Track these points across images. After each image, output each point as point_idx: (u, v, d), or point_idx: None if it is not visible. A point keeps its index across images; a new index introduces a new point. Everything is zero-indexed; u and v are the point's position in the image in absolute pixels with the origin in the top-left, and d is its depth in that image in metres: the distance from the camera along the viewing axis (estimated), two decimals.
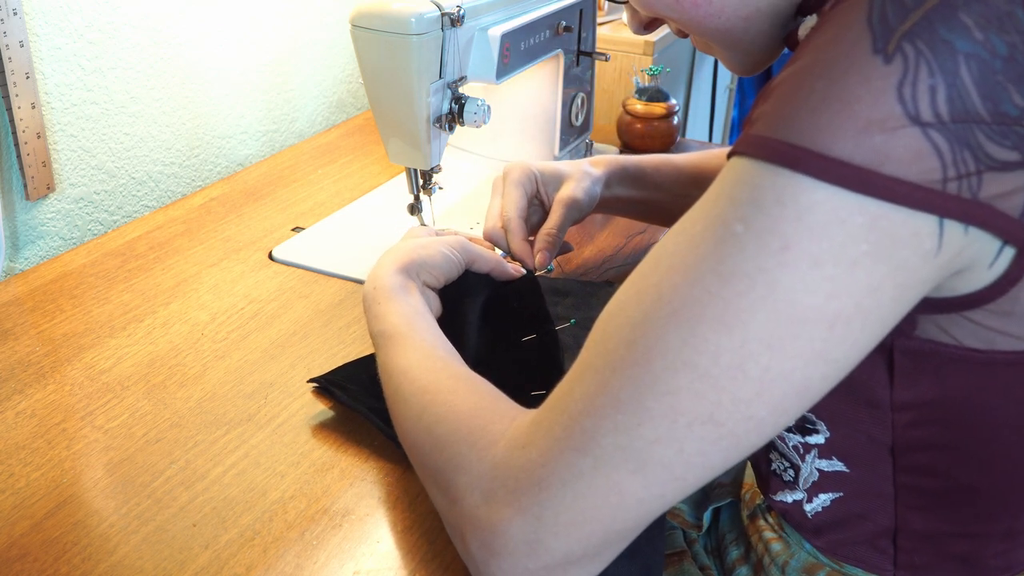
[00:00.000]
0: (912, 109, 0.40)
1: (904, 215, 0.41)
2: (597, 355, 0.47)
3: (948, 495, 0.57)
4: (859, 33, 0.42)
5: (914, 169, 0.40)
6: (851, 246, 0.41)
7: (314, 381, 0.75)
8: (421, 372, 0.61)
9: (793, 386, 0.44)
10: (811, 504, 0.62)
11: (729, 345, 0.43)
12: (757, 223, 0.42)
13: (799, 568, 0.64)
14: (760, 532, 0.68)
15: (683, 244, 0.45)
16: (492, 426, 0.53)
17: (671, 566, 0.73)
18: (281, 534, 0.62)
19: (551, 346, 0.72)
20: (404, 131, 0.90)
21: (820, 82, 0.42)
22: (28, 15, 0.93)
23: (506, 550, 0.48)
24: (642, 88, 1.29)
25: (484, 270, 0.75)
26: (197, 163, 1.20)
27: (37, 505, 0.64)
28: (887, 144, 0.40)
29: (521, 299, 0.76)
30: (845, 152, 0.41)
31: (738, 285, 0.42)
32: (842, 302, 0.42)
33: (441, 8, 0.85)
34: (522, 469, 0.48)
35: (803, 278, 0.42)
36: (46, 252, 1.02)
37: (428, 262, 0.72)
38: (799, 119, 0.42)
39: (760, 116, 0.45)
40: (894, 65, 0.41)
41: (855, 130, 0.41)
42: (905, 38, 0.41)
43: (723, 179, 0.46)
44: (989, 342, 0.49)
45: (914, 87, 0.40)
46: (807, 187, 0.41)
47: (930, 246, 0.42)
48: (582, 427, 0.46)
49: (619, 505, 0.46)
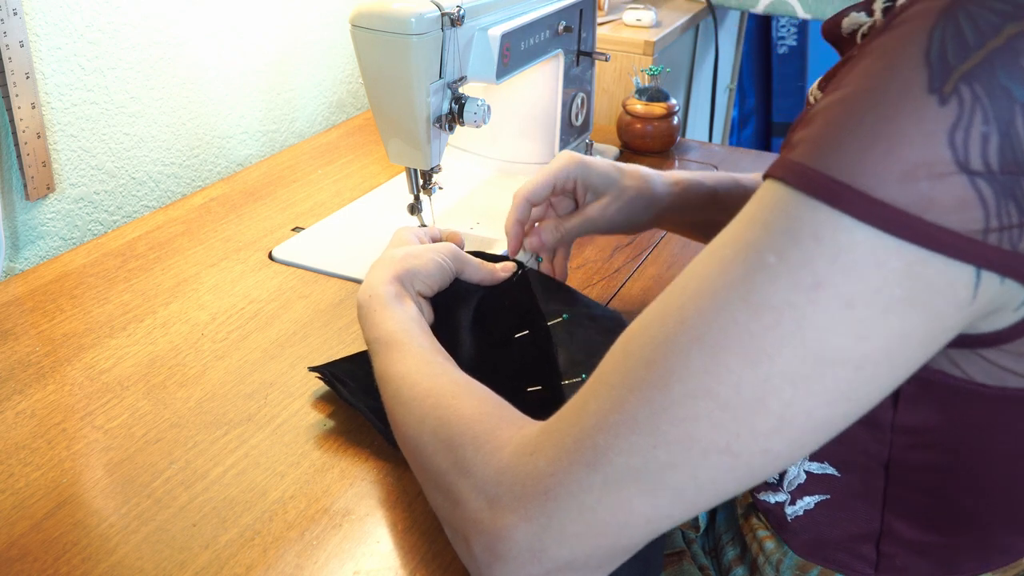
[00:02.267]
0: (962, 156, 0.39)
1: (942, 263, 0.40)
2: (615, 372, 0.46)
3: (939, 510, 0.57)
4: (916, 68, 0.40)
5: (957, 217, 0.39)
6: (885, 290, 0.40)
7: (315, 370, 0.75)
8: (421, 377, 0.61)
9: (813, 423, 0.43)
10: (793, 507, 0.62)
11: (752, 378, 0.42)
12: (791, 256, 0.41)
13: (792, 566, 0.64)
14: (754, 531, 0.68)
15: (713, 267, 0.44)
16: (499, 431, 0.53)
17: (670, 566, 0.73)
18: (281, 534, 0.62)
19: (544, 342, 0.72)
20: (404, 131, 0.90)
21: (870, 116, 0.40)
22: (28, 15, 0.93)
23: (509, 555, 0.48)
24: (642, 88, 1.29)
25: (474, 279, 0.75)
26: (197, 163, 1.20)
27: (37, 505, 0.64)
28: (933, 190, 0.39)
29: (512, 297, 0.76)
30: (889, 194, 0.39)
31: (766, 318, 0.42)
32: (871, 345, 0.41)
33: (441, 8, 0.85)
34: (529, 476, 0.48)
35: (833, 318, 0.41)
36: (46, 252, 1.02)
37: (421, 271, 0.72)
38: (844, 153, 0.41)
39: (802, 141, 0.43)
40: (949, 107, 0.39)
41: (902, 172, 0.39)
42: (963, 80, 0.39)
43: (758, 203, 0.44)
44: (1000, 380, 0.48)
45: (967, 133, 0.39)
46: (846, 226, 0.40)
47: (965, 295, 0.41)
48: (594, 442, 0.46)
49: (626, 523, 0.46)
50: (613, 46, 1.56)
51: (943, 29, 0.40)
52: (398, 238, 0.78)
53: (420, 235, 0.79)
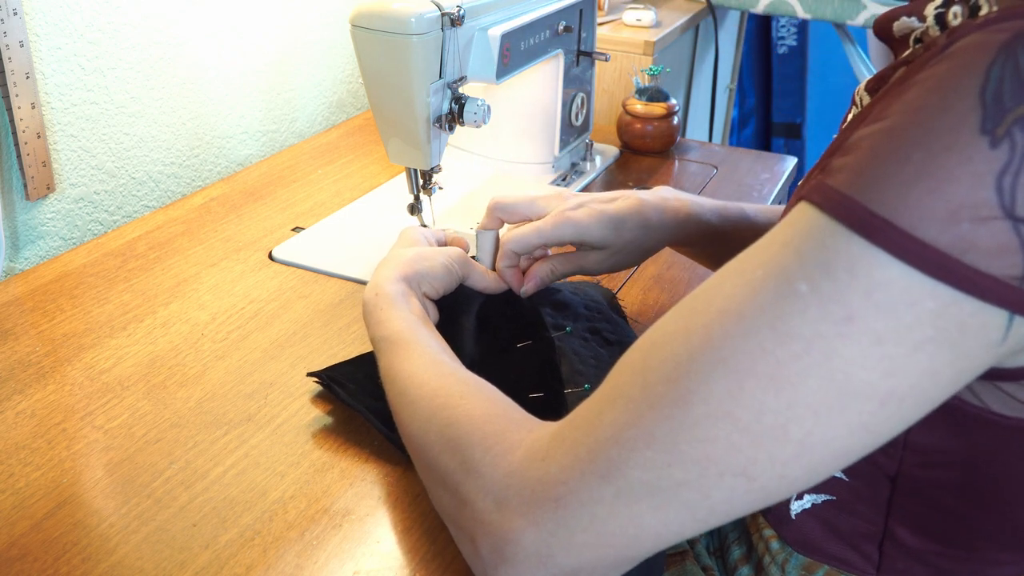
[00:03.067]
0: (1008, 201, 0.38)
1: (976, 306, 0.39)
2: (634, 385, 0.46)
3: (943, 523, 0.57)
4: (970, 106, 0.39)
5: (996, 263, 0.39)
6: (917, 329, 0.40)
7: (313, 375, 0.75)
8: (429, 376, 0.61)
9: (832, 453, 0.43)
10: (799, 501, 0.62)
11: (775, 405, 0.42)
12: (824, 287, 0.41)
13: (798, 566, 0.64)
14: (760, 530, 0.68)
15: (740, 289, 0.44)
16: (509, 433, 0.53)
17: (673, 566, 0.73)
18: (281, 534, 0.62)
19: (547, 350, 0.72)
20: (404, 131, 0.90)
21: (917, 152, 0.40)
22: (28, 15, 0.93)
23: (516, 558, 0.48)
24: (642, 88, 1.29)
25: (479, 287, 0.75)
26: (197, 163, 1.20)
27: (37, 505, 0.64)
28: (974, 233, 0.38)
29: (515, 307, 0.77)
30: (930, 234, 0.39)
31: (794, 347, 0.41)
32: (898, 381, 0.41)
33: (441, 8, 0.85)
34: (539, 482, 0.48)
35: (862, 353, 0.40)
36: (46, 252, 1.02)
37: (430, 273, 0.72)
38: (887, 187, 0.40)
39: (843, 169, 0.42)
40: (1000, 151, 0.38)
41: (945, 213, 0.39)
42: (1017, 123, 0.38)
43: (792, 227, 0.43)
44: (1018, 411, 0.48)
45: (1015, 178, 0.38)
46: (882, 262, 0.39)
47: (996, 337, 0.41)
48: (608, 455, 0.46)
49: (636, 536, 0.46)
50: (613, 46, 1.56)
51: (1002, 67, 0.39)
52: (406, 237, 0.78)
53: (428, 236, 0.79)
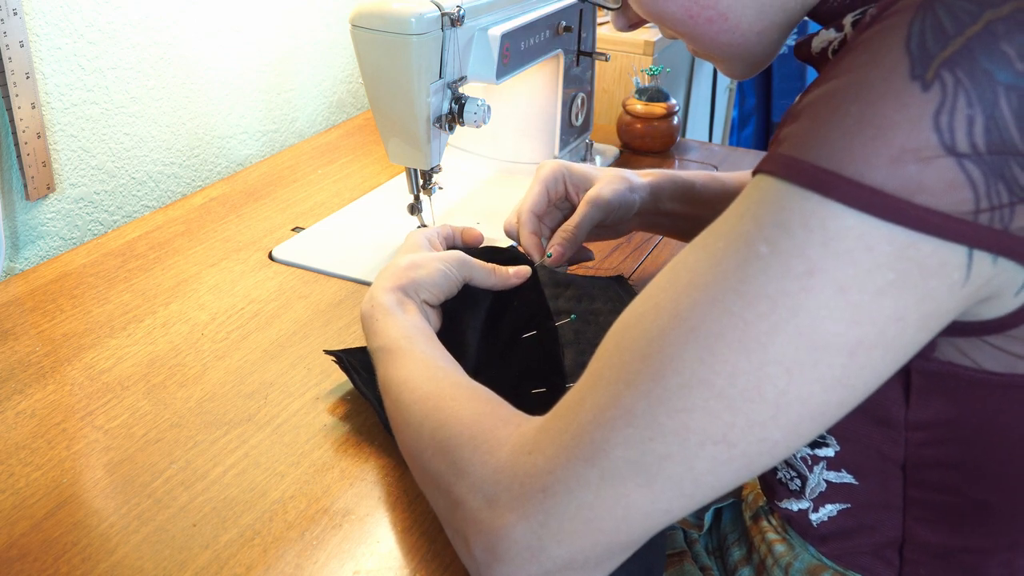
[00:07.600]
0: (948, 139, 0.40)
1: (933, 245, 0.40)
2: (610, 367, 0.47)
3: (959, 509, 0.56)
4: (897, 58, 0.41)
5: (946, 200, 0.40)
6: (877, 274, 0.41)
7: (331, 354, 0.75)
8: (422, 382, 0.61)
9: (809, 410, 0.43)
10: (817, 513, 0.62)
11: (747, 367, 0.42)
12: (782, 245, 0.42)
13: (803, 570, 0.64)
14: (763, 533, 0.68)
15: (704, 261, 0.45)
16: (496, 431, 0.53)
17: (671, 566, 0.73)
18: (281, 534, 0.62)
19: (550, 344, 0.72)
20: (404, 131, 0.90)
21: (855, 106, 0.41)
22: (28, 15, 0.93)
23: (508, 555, 0.48)
24: (642, 88, 1.29)
25: (485, 285, 0.75)
26: (197, 163, 1.20)
27: (37, 505, 0.64)
28: (921, 174, 0.40)
29: (522, 295, 0.76)
30: (877, 180, 0.40)
31: (760, 307, 0.42)
32: (865, 330, 0.42)
33: (441, 8, 0.85)
34: (527, 475, 0.48)
35: (827, 304, 0.41)
36: (46, 252, 1.02)
37: (426, 281, 0.72)
38: (831, 143, 0.41)
39: (789, 136, 0.44)
40: (932, 93, 0.40)
41: (889, 158, 0.40)
42: (944, 66, 0.40)
43: (748, 197, 0.45)
44: (1010, 366, 0.48)
45: (951, 116, 0.40)
46: (836, 213, 0.41)
47: (958, 276, 0.41)
48: (591, 438, 0.46)
49: (624, 517, 0.46)
50: (613, 46, 1.56)
51: (922, 20, 0.41)
52: (409, 243, 0.78)
53: (432, 238, 0.79)
